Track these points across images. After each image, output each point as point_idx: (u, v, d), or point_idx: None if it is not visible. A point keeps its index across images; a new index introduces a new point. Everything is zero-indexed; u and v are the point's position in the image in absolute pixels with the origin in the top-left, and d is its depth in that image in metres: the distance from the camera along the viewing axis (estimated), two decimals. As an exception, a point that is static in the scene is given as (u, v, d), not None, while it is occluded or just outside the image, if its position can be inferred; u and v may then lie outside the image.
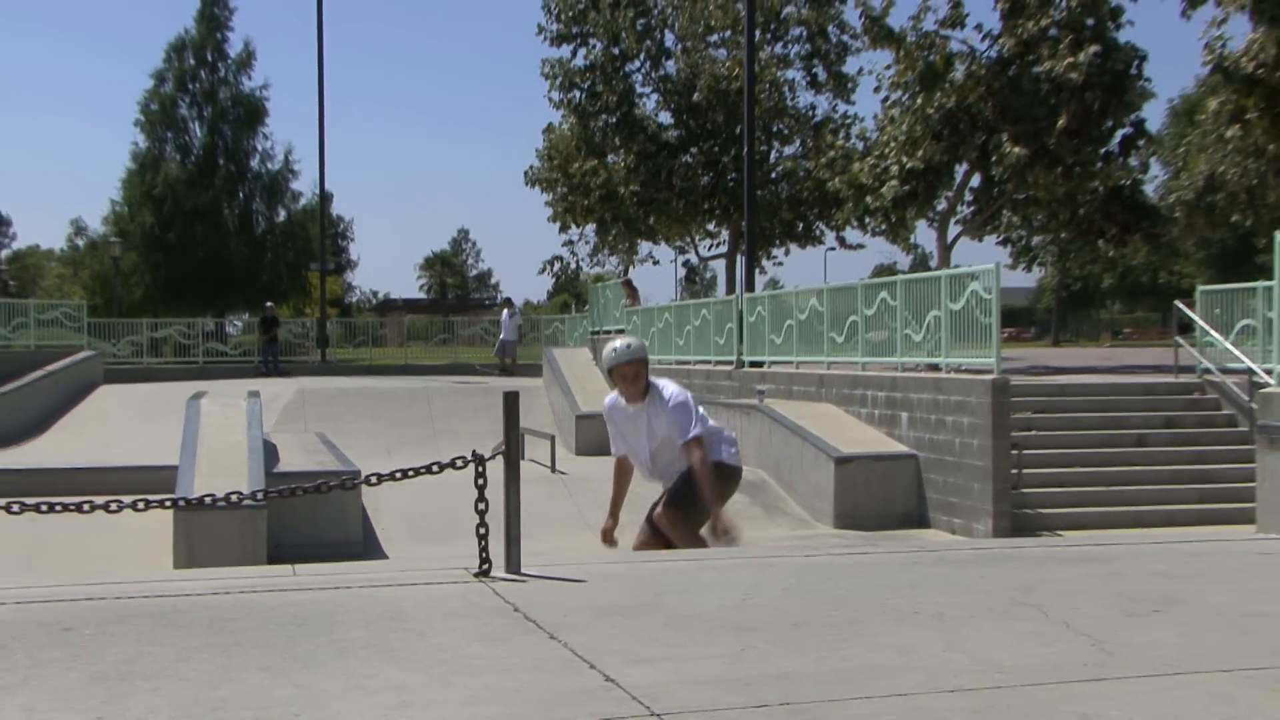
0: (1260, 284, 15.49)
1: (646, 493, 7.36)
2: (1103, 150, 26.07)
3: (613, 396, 7.45)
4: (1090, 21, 25.49)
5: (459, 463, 5.34)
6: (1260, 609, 4.38)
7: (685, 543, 6.91)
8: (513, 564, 5.15)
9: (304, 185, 56.74)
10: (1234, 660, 3.57)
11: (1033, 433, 14.64)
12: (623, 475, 7.61)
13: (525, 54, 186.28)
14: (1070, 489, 14.10)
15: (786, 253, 39.60)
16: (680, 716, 3.02)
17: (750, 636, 3.93)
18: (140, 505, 5.24)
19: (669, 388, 7.20)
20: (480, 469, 5.23)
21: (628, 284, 30.18)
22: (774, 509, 14.61)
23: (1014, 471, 13.40)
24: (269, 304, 40.63)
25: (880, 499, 14.07)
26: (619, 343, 7.30)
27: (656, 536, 7.10)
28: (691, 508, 6.92)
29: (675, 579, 5.16)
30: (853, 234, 34.42)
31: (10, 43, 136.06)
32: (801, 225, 36.40)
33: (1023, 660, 3.64)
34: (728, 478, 7.24)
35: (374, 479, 5.55)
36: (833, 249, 37.67)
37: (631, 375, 7.16)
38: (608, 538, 7.50)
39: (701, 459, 6.84)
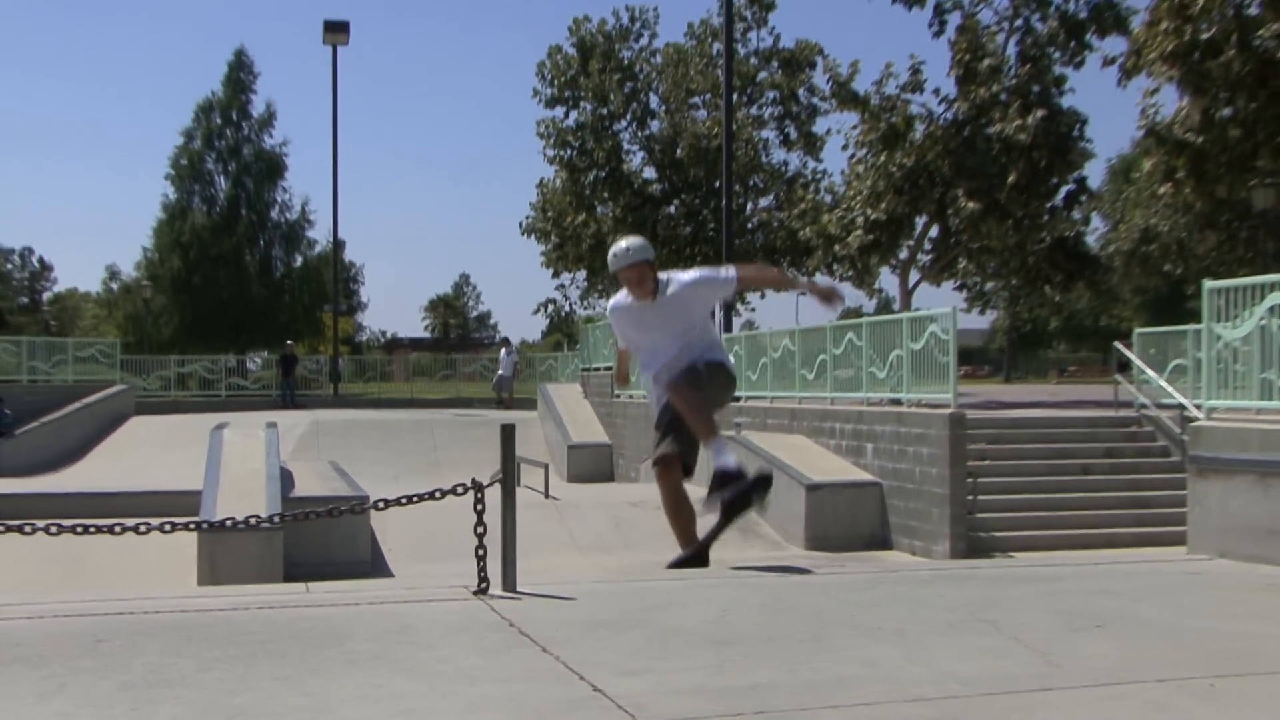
0: (1190, 327, 15.57)
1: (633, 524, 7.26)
2: (1049, 205, 26.31)
3: (620, 296, 6.57)
4: (1036, 88, 25.81)
5: (460, 489, 5.33)
6: (1191, 624, 4.39)
7: (697, 418, 6.12)
8: (509, 583, 5.14)
9: (319, 233, 56.94)
10: (1168, 671, 3.58)
11: (986, 462, 14.66)
12: (625, 358, 7.30)
13: (521, 113, 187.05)
14: (1020, 514, 14.11)
15: (762, 296, 39.69)
16: (663, 724, 3.01)
17: (728, 650, 3.92)
18: (167, 527, 5.23)
19: (679, 273, 6.47)
20: (479, 495, 5.22)
21: (616, 325, 30.15)
22: (750, 532, 14.57)
23: (969, 498, 13.40)
24: (289, 342, 40.61)
25: (847, 523, 14.05)
26: (621, 244, 6.44)
27: (677, 460, 6.39)
28: (707, 388, 6.23)
29: (659, 596, 5.14)
30: (823, 279, 34.48)
31: (54, 99, 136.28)
32: (777, 270, 36.50)
33: (978, 672, 3.64)
34: (726, 383, 6.65)
35: (381, 504, 5.54)
36: (804, 294, 37.35)
37: (636, 278, 6.32)
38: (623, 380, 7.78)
39: (756, 272, 6.69)
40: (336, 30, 39.15)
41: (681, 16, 54.44)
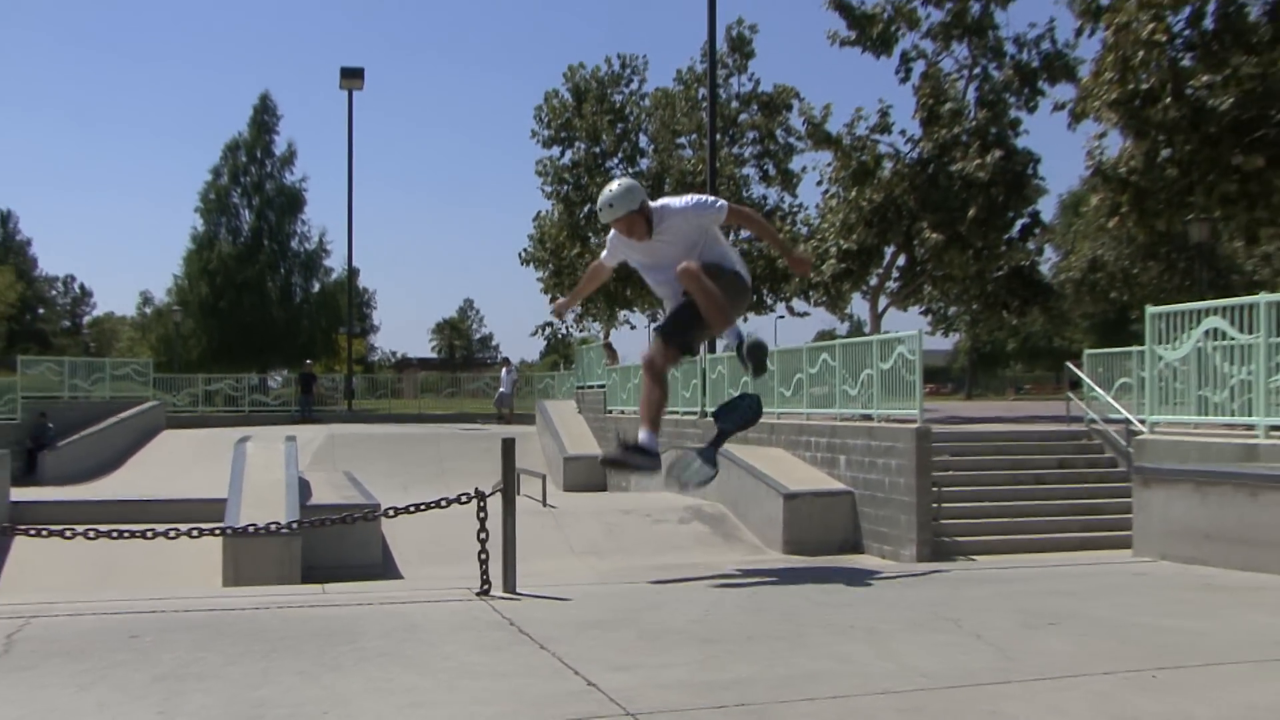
0: (1135, 349, 15.65)
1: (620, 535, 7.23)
2: (1006, 236, 26.44)
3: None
4: (994, 130, 25.98)
5: (464, 498, 5.32)
6: (1136, 620, 4.40)
7: (712, 302, 5.64)
8: (509, 584, 5.13)
9: (335, 262, 56.96)
10: (1114, 664, 3.58)
11: (949, 472, 14.68)
12: (594, 279, 6.69)
13: (521, 150, 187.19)
14: (981, 520, 14.13)
15: (744, 320, 39.84)
16: (651, 716, 3.01)
17: (711, 647, 3.91)
18: (195, 533, 5.21)
19: (672, 201, 5.92)
20: (481, 503, 5.22)
21: (608, 346, 30.22)
22: (731, 537, 14.57)
23: (934, 505, 13.42)
24: (307, 361, 40.65)
25: (822, 529, 14.05)
26: (605, 193, 5.86)
27: (667, 346, 5.95)
28: (719, 278, 5.72)
29: (648, 598, 5.14)
30: (799, 304, 34.62)
31: (94, 139, 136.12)
32: (755, 297, 36.62)
33: (942, 666, 3.64)
34: (740, 288, 6.05)
35: (392, 511, 5.53)
36: (782, 317, 37.78)
37: (625, 229, 5.87)
38: (560, 311, 7.06)
39: (746, 214, 6.18)
40: (352, 76, 39.30)
41: (670, 62, 54.83)
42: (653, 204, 5.84)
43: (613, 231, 5.99)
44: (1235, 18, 19.96)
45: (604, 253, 6.30)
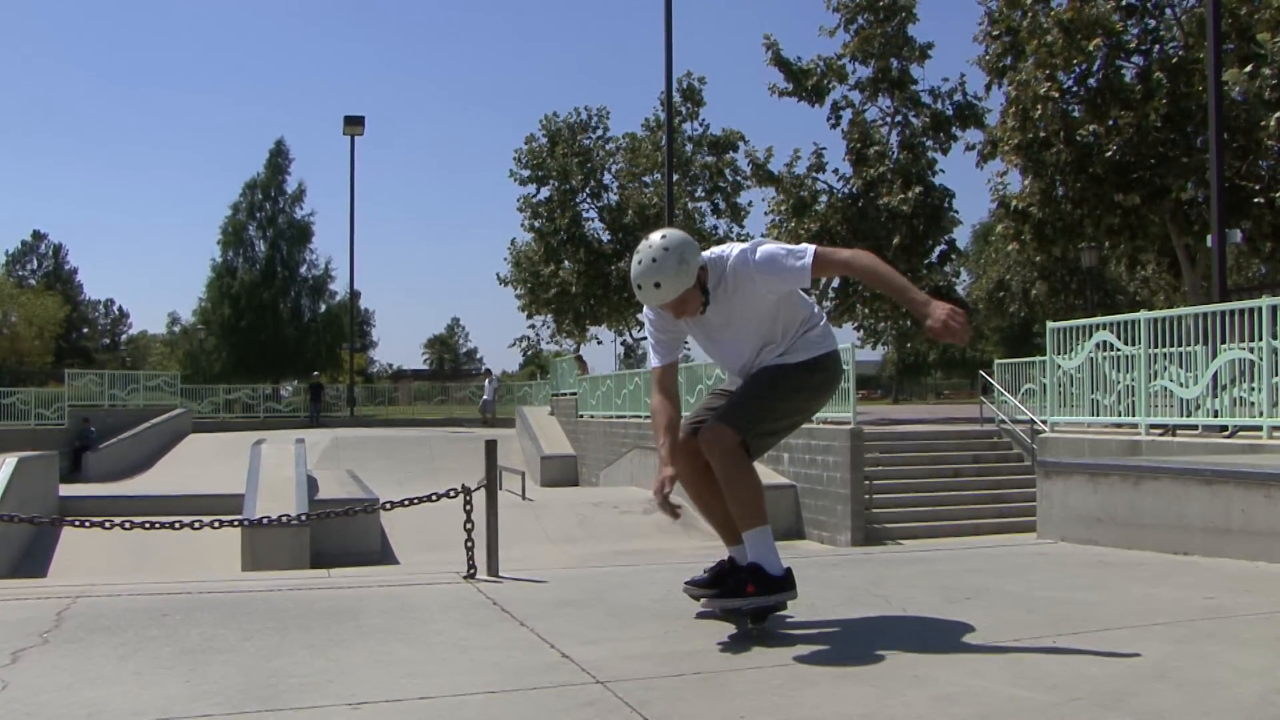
0: (1037, 359, 15.84)
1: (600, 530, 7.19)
2: (926, 261, 26.72)
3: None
4: (914, 169, 26.23)
5: (452, 493, 5.28)
6: (1040, 594, 4.43)
7: (731, 476, 3.65)
8: (492, 569, 5.09)
9: (339, 286, 56.93)
10: (1022, 632, 3.61)
11: (880, 468, 14.76)
12: (668, 405, 3.67)
13: (501, 184, 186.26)
14: (907, 509, 14.22)
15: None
16: (619, 683, 2.99)
17: (672, 623, 3.90)
18: (217, 524, 5.18)
19: (731, 254, 3.54)
20: (468, 497, 5.18)
21: (579, 359, 30.20)
22: (690, 527, 14.53)
23: (866, 497, 13.49)
24: (315, 373, 40.43)
25: (770, 518, 14.05)
26: (646, 263, 3.45)
27: (692, 450, 3.69)
28: (754, 420, 3.60)
29: (616, 579, 5.11)
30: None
31: (131, 177, 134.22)
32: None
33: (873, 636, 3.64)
34: (819, 392, 3.83)
35: (389, 505, 5.48)
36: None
37: (677, 307, 3.54)
38: (665, 501, 3.58)
39: (861, 265, 3.49)
40: (354, 123, 39.27)
41: (634, 103, 54.98)
42: (704, 255, 3.56)
43: (646, 309, 3.70)
44: (1114, 78, 20.57)
45: (649, 353, 3.81)
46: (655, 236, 3.55)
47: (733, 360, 3.81)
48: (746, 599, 3.58)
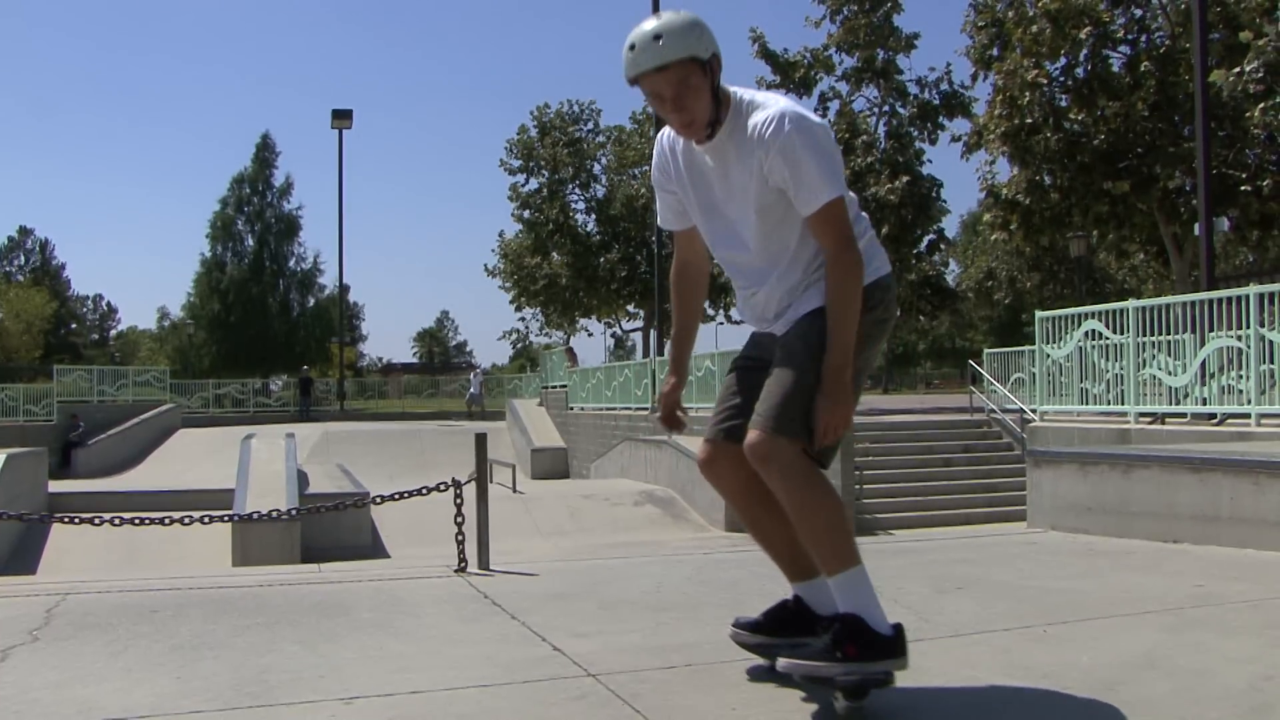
0: (1027, 348, 15.89)
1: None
2: (915, 251, 26.72)
3: (666, 135, 2.71)
4: (902, 159, 26.24)
5: (442, 486, 5.27)
6: (1030, 583, 4.44)
7: (801, 502, 2.55)
8: (483, 562, 5.08)
9: (328, 279, 56.70)
10: (1013, 621, 3.61)
11: (870, 457, 14.80)
12: (687, 284, 2.98)
13: (491, 176, 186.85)
14: (897, 499, 14.26)
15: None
16: (610, 676, 2.99)
17: (662, 615, 3.90)
18: (206, 519, 5.15)
19: (767, 105, 2.48)
20: (458, 491, 5.16)
21: (569, 351, 30.23)
22: (680, 518, 14.55)
23: (857, 486, 13.51)
24: (304, 367, 40.36)
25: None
26: (633, 34, 2.47)
27: (731, 458, 2.72)
28: (799, 425, 2.52)
29: (606, 572, 5.11)
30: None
31: (119, 168, 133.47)
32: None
33: (862, 626, 3.63)
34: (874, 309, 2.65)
35: (379, 499, 5.46)
36: (722, 324, 38.03)
37: (669, 92, 2.46)
38: (670, 414, 3.06)
39: (846, 262, 2.48)
40: (342, 117, 39.07)
41: (624, 102, 54.82)
42: (740, 92, 2.56)
43: (656, 152, 2.76)
44: (1101, 67, 20.62)
45: (659, 218, 2.90)
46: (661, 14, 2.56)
47: (738, 252, 2.69)
48: (846, 664, 2.46)
